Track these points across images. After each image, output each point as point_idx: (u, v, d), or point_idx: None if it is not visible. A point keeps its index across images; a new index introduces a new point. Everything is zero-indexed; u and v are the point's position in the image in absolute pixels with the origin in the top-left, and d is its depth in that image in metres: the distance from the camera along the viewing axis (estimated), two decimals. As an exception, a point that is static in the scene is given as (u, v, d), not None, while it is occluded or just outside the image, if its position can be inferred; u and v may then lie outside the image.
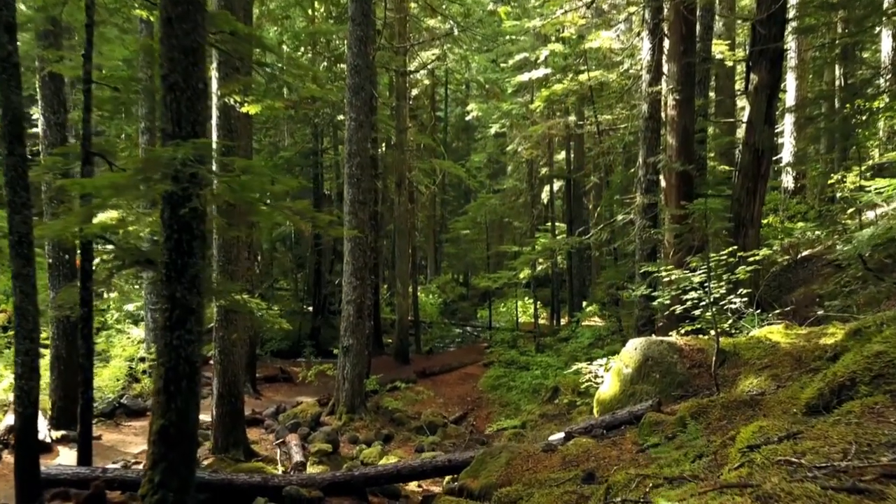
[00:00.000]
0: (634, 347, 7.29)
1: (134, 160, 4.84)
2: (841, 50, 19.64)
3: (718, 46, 15.88)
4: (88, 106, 7.60)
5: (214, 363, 10.17)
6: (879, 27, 17.47)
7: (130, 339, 16.17)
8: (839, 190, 18.24)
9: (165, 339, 5.39)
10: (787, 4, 10.50)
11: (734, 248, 6.78)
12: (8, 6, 5.93)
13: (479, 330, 26.94)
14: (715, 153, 20.13)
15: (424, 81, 27.66)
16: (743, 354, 6.82)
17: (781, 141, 18.88)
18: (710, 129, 17.69)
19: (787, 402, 5.10)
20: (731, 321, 7.85)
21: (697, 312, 7.32)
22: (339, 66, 22.70)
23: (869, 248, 8.15)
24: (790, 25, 13.84)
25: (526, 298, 26.47)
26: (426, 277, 35.92)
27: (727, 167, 19.65)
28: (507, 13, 22.96)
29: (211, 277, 7.40)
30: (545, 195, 27.55)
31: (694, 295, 7.25)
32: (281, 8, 21.94)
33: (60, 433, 10.55)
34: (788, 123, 19.67)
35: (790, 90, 19.65)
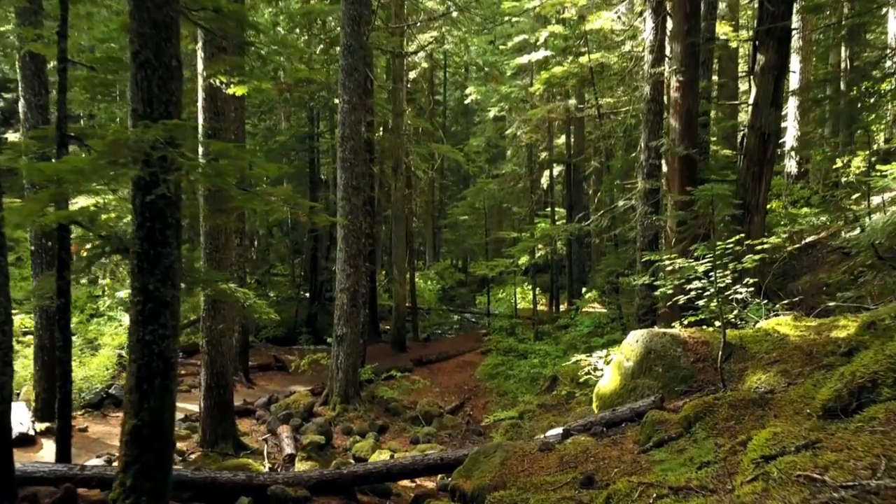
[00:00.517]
0: (636, 340, 6.97)
1: (101, 143, 4.48)
2: (847, 31, 19.21)
3: (722, 27, 15.45)
4: (63, 87, 7.23)
5: (202, 353, 9.87)
6: (886, 8, 17.03)
7: (123, 326, 15.85)
8: (844, 175, 17.88)
9: (137, 334, 5.07)
10: (796, -19, 10.09)
11: (741, 235, 6.44)
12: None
13: (477, 316, 26.67)
14: (718, 137, 19.75)
15: (423, 64, 27.16)
16: (750, 348, 6.51)
17: (785, 125, 18.46)
18: (712, 112, 17.30)
19: (799, 401, 4.79)
20: (735, 312, 7.52)
21: (701, 303, 6.98)
22: (335, 48, 22.18)
23: (884, 235, 7.80)
24: (798, 3, 13.42)
25: (525, 285, 26.17)
26: (425, 263, 35.63)
27: (730, 151, 19.28)
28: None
29: (192, 265, 7.06)
30: (545, 180, 27.15)
31: (698, 284, 6.92)
32: (275, -13, 21.46)
33: (45, 425, 10.27)
34: (792, 107, 19.25)
35: (794, 73, 19.22)
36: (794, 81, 19.10)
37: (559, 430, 7.54)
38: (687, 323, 7.79)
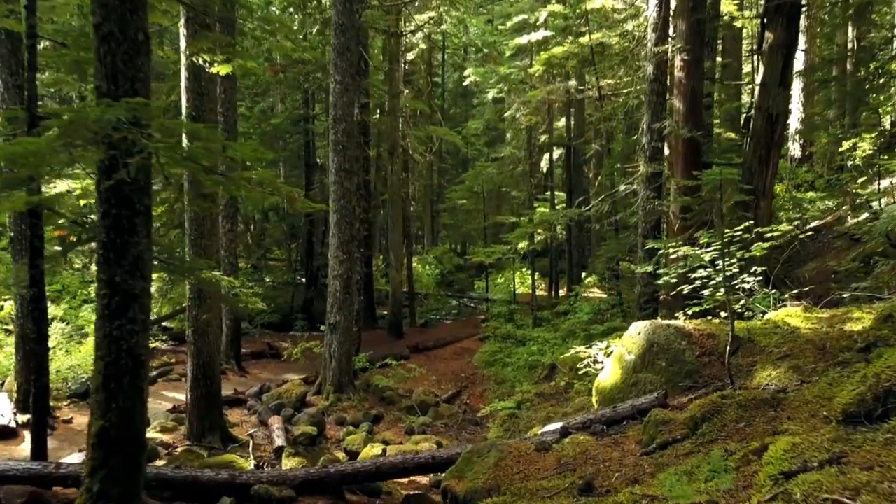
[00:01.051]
0: (638, 332, 6.63)
1: (58, 122, 4.11)
2: (854, 10, 18.71)
3: (727, 6, 14.97)
4: (33, 64, 6.82)
5: (188, 344, 9.54)
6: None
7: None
8: (850, 158, 17.48)
9: (104, 329, 4.73)
10: (807, -45, 9.64)
11: (751, 222, 6.08)
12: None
13: (476, 302, 26.36)
14: (721, 119, 19.30)
15: (421, 45, 26.60)
16: (758, 341, 6.16)
17: (789, 107, 18.01)
18: (715, 94, 16.86)
19: (814, 402, 4.45)
20: (742, 302, 7.18)
21: (707, 292, 6.63)
22: (330, 29, 21.68)
23: (899, 223, 7.44)
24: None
25: (524, 269, 25.81)
26: (423, 247, 35.24)
27: (734, 134, 18.84)
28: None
29: (172, 252, 6.70)
30: (544, 164, 26.71)
31: (703, 273, 6.57)
32: (267, -34, 20.89)
33: (27, 417, 9.92)
34: (797, 88, 18.81)
35: (800, 53, 18.74)
36: (798, 62, 18.60)
37: (557, 425, 7.22)
38: (691, 313, 7.44)
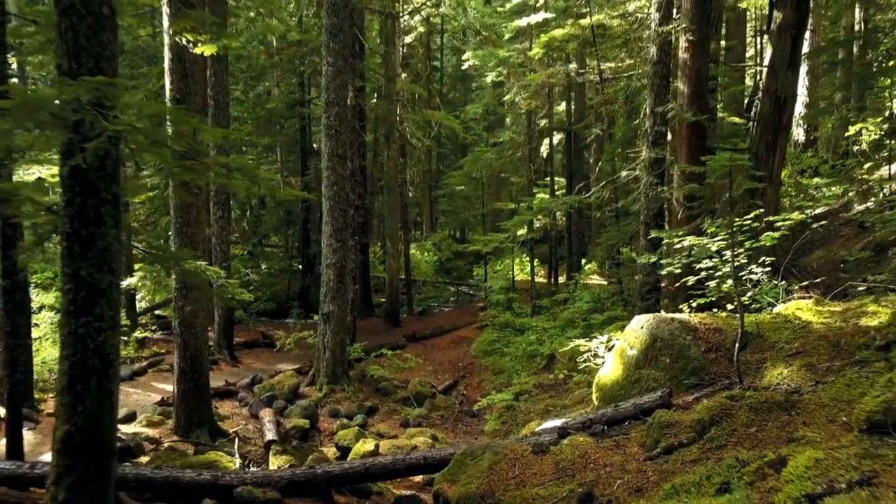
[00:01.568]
0: (641, 326, 6.31)
1: (8, 103, 3.76)
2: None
3: (733, -14, 14.54)
4: (2, 44, 6.47)
5: (175, 336, 9.26)
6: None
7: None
8: (857, 143, 17.09)
9: (69, 327, 4.40)
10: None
11: (761, 210, 5.73)
12: None
13: (474, 289, 26.06)
14: (724, 104, 18.89)
15: (419, 29, 26.11)
16: (768, 336, 5.85)
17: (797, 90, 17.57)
18: (719, 77, 16.44)
19: (832, 405, 4.14)
20: (749, 294, 6.85)
21: (713, 284, 6.29)
22: (324, 10, 21.20)
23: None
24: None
25: (523, 256, 25.48)
26: (422, 234, 34.87)
27: (737, 119, 18.44)
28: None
29: (149, 242, 6.37)
30: (544, 149, 26.29)
31: (710, 263, 6.24)
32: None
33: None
34: (801, 72, 18.38)
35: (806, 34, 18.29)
36: (804, 44, 18.13)
37: (555, 423, 6.93)
38: (696, 305, 7.12)
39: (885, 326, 5.09)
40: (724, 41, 19.07)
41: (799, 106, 18.98)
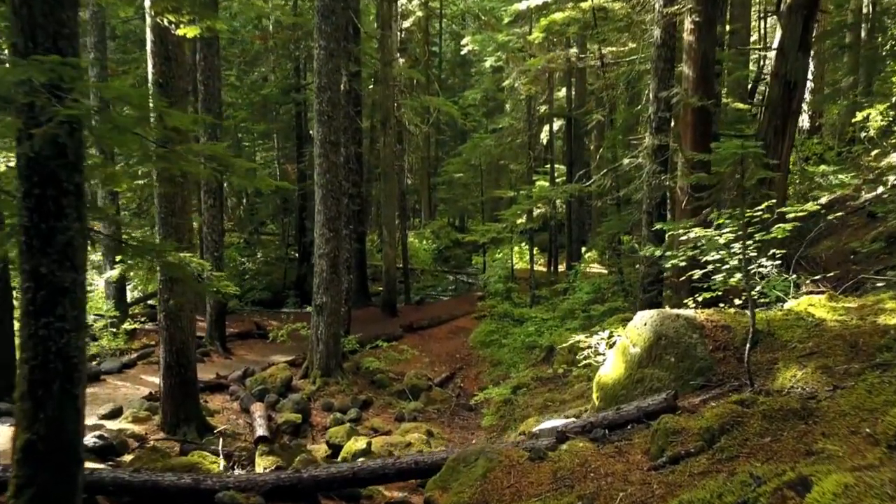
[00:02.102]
0: (644, 322, 5.99)
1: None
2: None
3: (739, -34, 14.09)
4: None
5: (160, 329, 8.94)
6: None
7: (93, 290, 14.87)
8: (863, 129, 16.71)
9: (29, 328, 4.08)
10: None
11: (773, 201, 5.39)
12: None
13: (472, 278, 25.75)
14: (728, 89, 18.48)
15: (417, 13, 25.63)
16: (779, 335, 5.52)
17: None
18: (724, 62, 16.03)
19: (853, 415, 3.82)
20: (758, 288, 6.53)
21: (719, 277, 5.96)
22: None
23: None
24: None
25: (522, 244, 25.13)
26: (421, 221, 34.49)
27: (741, 104, 18.04)
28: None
29: (122, 233, 6.03)
30: (544, 135, 25.87)
31: (716, 256, 5.90)
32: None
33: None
34: (809, 56, 17.95)
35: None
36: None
37: (554, 423, 6.63)
38: (701, 300, 6.79)
39: (906, 325, 4.77)
40: (728, 25, 18.64)
41: (804, 91, 18.57)
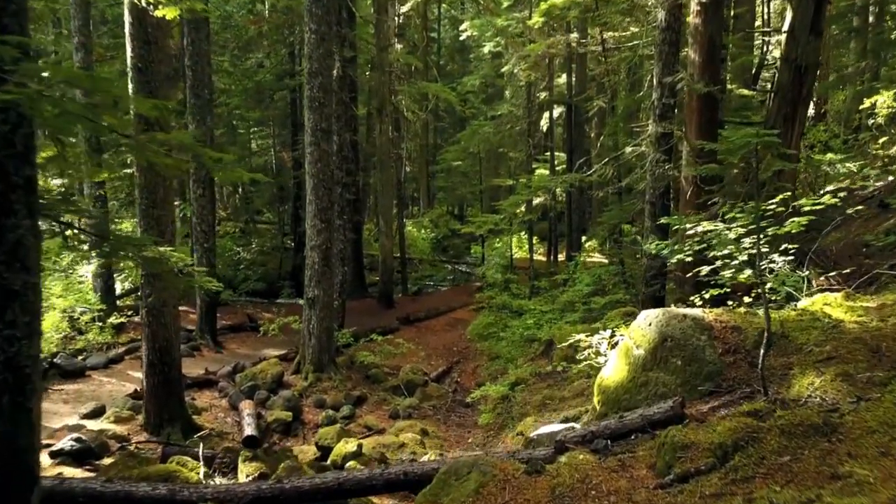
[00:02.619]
0: (648, 322, 5.62)
1: None
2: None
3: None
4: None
5: (142, 326, 8.58)
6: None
7: (83, 282, 14.49)
8: (871, 116, 16.28)
9: (-26, 335, 3.72)
10: None
11: (787, 194, 5.02)
12: None
13: (471, 268, 25.38)
14: (733, 74, 18.02)
15: (415, -3, 25.11)
16: (793, 337, 5.16)
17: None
18: (729, 46, 15.58)
19: (881, 431, 3.46)
20: (770, 285, 6.16)
21: (727, 273, 5.59)
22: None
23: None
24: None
25: (521, 234, 24.74)
26: (419, 210, 34.07)
27: (746, 91, 17.59)
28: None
29: (102, 227, 5.65)
30: (544, 122, 25.39)
31: (725, 251, 5.53)
32: None
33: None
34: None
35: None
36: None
37: (553, 428, 6.29)
38: (708, 297, 6.42)
39: (933, 329, 4.40)
40: (733, 9, 18.16)
41: (810, 77, 18.11)
